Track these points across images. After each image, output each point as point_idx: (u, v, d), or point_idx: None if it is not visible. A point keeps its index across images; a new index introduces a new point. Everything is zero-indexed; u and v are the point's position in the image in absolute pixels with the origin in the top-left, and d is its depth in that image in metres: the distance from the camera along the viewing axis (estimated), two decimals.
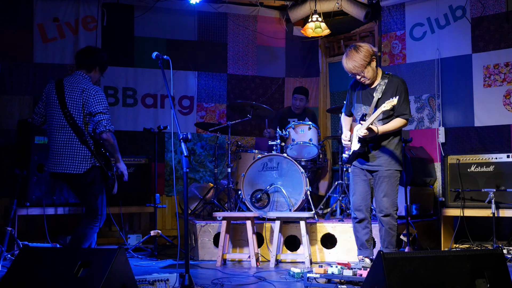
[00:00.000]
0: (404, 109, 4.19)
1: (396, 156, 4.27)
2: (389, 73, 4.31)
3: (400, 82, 4.24)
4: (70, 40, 6.71)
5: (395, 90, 4.18)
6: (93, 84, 4.29)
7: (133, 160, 6.16)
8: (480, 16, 6.13)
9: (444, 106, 6.34)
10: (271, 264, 4.88)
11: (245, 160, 5.86)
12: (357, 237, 4.39)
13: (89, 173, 4.21)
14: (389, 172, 4.23)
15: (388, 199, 4.21)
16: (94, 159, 4.21)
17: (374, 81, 4.26)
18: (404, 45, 6.72)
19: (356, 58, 4.11)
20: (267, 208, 5.47)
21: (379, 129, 4.13)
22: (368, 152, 4.28)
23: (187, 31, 7.23)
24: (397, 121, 4.20)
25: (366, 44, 4.22)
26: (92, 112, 4.16)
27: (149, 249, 5.54)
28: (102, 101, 4.20)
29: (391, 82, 4.22)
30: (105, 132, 4.14)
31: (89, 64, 4.33)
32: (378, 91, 4.20)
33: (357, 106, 4.36)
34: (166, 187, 6.96)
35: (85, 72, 4.33)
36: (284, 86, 7.59)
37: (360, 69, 4.13)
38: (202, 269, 4.72)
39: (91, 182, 4.25)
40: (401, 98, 4.13)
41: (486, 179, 5.24)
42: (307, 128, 5.82)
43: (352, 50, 4.15)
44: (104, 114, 4.17)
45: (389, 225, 4.22)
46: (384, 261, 2.76)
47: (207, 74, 7.30)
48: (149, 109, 7.02)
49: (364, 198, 4.32)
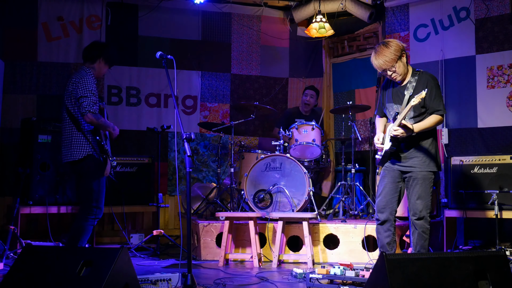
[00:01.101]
0: (437, 104, 4.02)
1: (431, 155, 4.08)
2: (420, 70, 4.16)
3: (430, 77, 4.09)
4: (74, 39, 6.73)
5: (425, 85, 4.00)
6: (86, 74, 4.37)
7: (136, 159, 6.16)
8: (484, 18, 6.11)
9: (448, 108, 6.30)
10: (274, 264, 4.88)
11: (248, 160, 5.86)
12: (379, 238, 4.21)
13: (86, 161, 4.30)
14: (423, 174, 4.05)
15: (422, 201, 4.03)
16: (92, 148, 4.30)
17: (405, 78, 4.12)
18: (408, 46, 6.68)
19: (386, 53, 3.97)
20: (270, 208, 5.47)
21: (414, 127, 3.98)
22: (401, 151, 4.11)
23: (191, 30, 7.23)
24: (432, 118, 4.01)
25: (395, 39, 4.11)
26: (77, 96, 4.27)
27: (152, 248, 5.54)
28: (86, 85, 4.29)
29: (421, 78, 4.07)
30: (85, 114, 4.22)
31: (93, 56, 4.46)
32: (409, 88, 4.05)
33: (388, 106, 4.21)
34: (169, 186, 6.94)
35: (89, 64, 4.46)
36: (288, 86, 7.59)
37: (391, 64, 3.98)
38: (205, 269, 4.72)
39: (86, 171, 4.32)
40: (432, 93, 4.00)
41: (489, 180, 5.21)
42: (311, 129, 5.82)
43: (381, 46, 4.02)
44: (87, 98, 4.24)
45: (422, 228, 4.04)
46: (387, 262, 2.76)
47: (210, 74, 7.30)
48: (152, 108, 7.02)
49: (389, 200, 4.12)
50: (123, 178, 5.88)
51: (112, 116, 6.67)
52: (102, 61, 4.50)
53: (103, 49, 4.54)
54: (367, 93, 7.15)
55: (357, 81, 7.39)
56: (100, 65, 4.51)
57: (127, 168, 6.06)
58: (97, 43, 4.70)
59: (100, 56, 4.48)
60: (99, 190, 4.35)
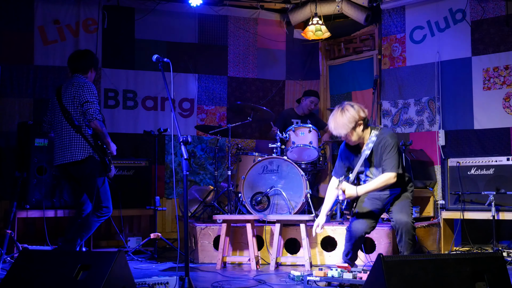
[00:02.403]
0: (386, 165, 3.99)
1: (403, 183, 4.14)
2: (378, 128, 4.13)
3: (387, 138, 4.03)
4: (71, 43, 6.71)
5: (380, 149, 4.02)
6: (87, 81, 4.52)
7: (133, 162, 6.16)
8: (480, 19, 6.13)
9: (444, 109, 6.34)
10: (271, 267, 4.87)
11: (245, 163, 5.85)
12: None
13: (88, 163, 4.39)
14: (402, 194, 4.14)
15: (405, 213, 4.07)
16: (92, 150, 4.38)
17: (362, 141, 4.10)
18: (404, 48, 6.72)
19: (339, 120, 3.96)
20: (267, 211, 5.46)
21: (358, 191, 3.98)
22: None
23: (187, 33, 7.23)
24: (380, 178, 4.00)
25: (355, 107, 4.00)
26: (81, 101, 4.37)
27: (149, 252, 5.52)
28: (90, 91, 4.42)
29: (380, 140, 4.03)
30: (92, 121, 4.33)
31: (82, 67, 4.61)
32: (366, 149, 4.06)
33: (355, 171, 4.17)
34: (166, 189, 6.94)
35: (81, 74, 4.61)
36: (285, 88, 7.59)
37: (344, 132, 3.96)
38: (202, 272, 4.71)
39: (90, 173, 4.39)
40: (384, 154, 3.99)
41: (486, 182, 5.23)
42: (307, 131, 5.82)
43: (338, 110, 3.99)
44: (91, 103, 4.36)
45: (409, 235, 4.05)
46: (384, 264, 2.76)
47: (207, 76, 7.29)
48: (149, 111, 7.01)
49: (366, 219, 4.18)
50: (120, 181, 5.87)
51: (109, 120, 6.64)
52: (93, 71, 4.70)
53: (92, 59, 4.71)
54: (364, 95, 7.15)
55: (354, 83, 7.40)
56: (91, 75, 4.69)
57: (124, 171, 6.06)
58: (80, 53, 4.80)
59: (91, 66, 4.67)
60: (105, 190, 4.47)
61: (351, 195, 4.00)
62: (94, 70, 4.71)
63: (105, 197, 4.48)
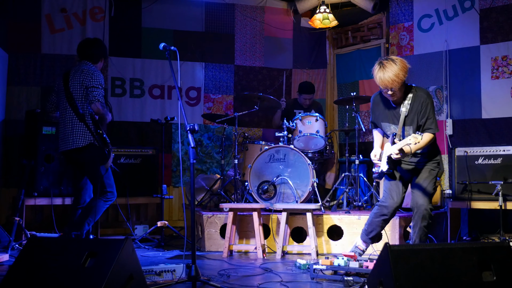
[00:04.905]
0: (430, 124, 4.02)
1: (431, 151, 4.16)
2: (413, 86, 4.10)
3: (424, 96, 4.04)
4: (78, 31, 6.70)
5: (420, 107, 4.01)
6: (96, 69, 4.61)
7: (140, 151, 6.17)
8: (489, 8, 6.06)
9: (452, 98, 6.30)
10: (278, 255, 4.88)
11: (252, 152, 5.85)
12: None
13: (89, 149, 4.48)
14: (427, 167, 4.16)
15: (426, 194, 4.13)
16: (93, 137, 4.45)
17: (400, 98, 4.08)
18: (412, 36, 6.67)
19: (395, 70, 3.85)
20: (274, 199, 5.46)
21: (412, 148, 3.95)
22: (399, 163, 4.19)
23: (194, 22, 7.19)
24: (426, 137, 4.00)
25: (399, 58, 4.01)
26: (88, 86, 4.46)
27: (156, 239, 5.54)
28: (98, 78, 4.52)
29: (416, 98, 4.03)
30: (94, 102, 4.41)
31: (93, 55, 4.69)
32: (403, 109, 4.03)
33: (384, 126, 4.20)
34: (173, 178, 6.94)
35: (91, 62, 4.68)
36: (292, 77, 7.55)
37: (399, 84, 3.90)
38: (209, 260, 4.72)
39: (91, 159, 4.48)
40: (425, 113, 4.00)
41: (494, 171, 5.19)
42: (314, 120, 5.80)
43: (389, 61, 3.91)
44: (97, 88, 4.47)
45: (425, 222, 4.13)
46: (391, 253, 2.74)
47: (214, 65, 7.27)
48: (156, 100, 7.01)
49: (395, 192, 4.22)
50: (127, 169, 5.90)
51: (115, 108, 6.70)
52: (102, 60, 4.80)
53: (103, 48, 4.80)
54: (371, 84, 7.10)
55: (361, 72, 7.36)
56: (100, 64, 4.77)
57: (131, 159, 6.08)
58: (95, 42, 4.82)
59: (102, 56, 4.76)
60: (108, 175, 4.56)
61: (407, 152, 3.96)
62: (103, 60, 4.82)
63: (109, 182, 4.58)
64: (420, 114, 4.02)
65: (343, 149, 6.62)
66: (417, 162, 4.18)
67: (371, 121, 4.37)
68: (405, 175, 4.24)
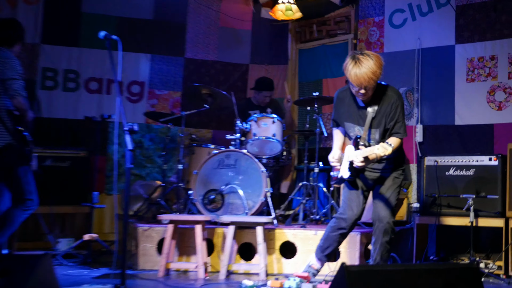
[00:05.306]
0: (398, 128, 3.95)
1: (396, 158, 4.09)
2: (382, 84, 4.00)
3: (396, 98, 3.95)
4: (8, 15, 6.38)
5: (390, 109, 3.91)
6: (11, 56, 4.35)
7: (69, 152, 6.00)
8: (465, 4, 6.07)
9: (423, 102, 6.27)
10: (221, 275, 4.73)
11: (199, 156, 5.71)
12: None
13: (6, 152, 4.23)
14: (391, 176, 4.11)
15: (389, 206, 4.07)
16: (11, 137, 4.24)
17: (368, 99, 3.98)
18: (382, 32, 6.65)
19: (372, 66, 3.73)
20: (221, 211, 5.33)
21: (378, 157, 3.81)
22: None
23: (141, 8, 7.06)
24: (395, 141, 3.92)
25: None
26: (4, 77, 4.23)
27: (82, 255, 5.38)
28: (15, 67, 4.30)
29: (386, 98, 3.93)
30: (16, 97, 4.23)
31: (8, 39, 4.45)
32: (371, 108, 3.92)
33: (348, 126, 4.08)
34: (106, 184, 6.76)
35: (5, 47, 4.41)
36: (248, 73, 7.44)
37: (374, 82, 3.79)
38: (141, 280, 4.58)
39: (7, 162, 4.27)
40: (395, 115, 3.92)
41: (466, 183, 5.15)
42: (271, 122, 5.68)
43: (365, 56, 3.76)
44: (17, 80, 4.25)
45: (387, 238, 4.05)
46: (347, 275, 2.65)
47: (162, 57, 7.13)
48: (93, 95, 6.83)
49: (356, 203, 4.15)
50: (53, 173, 5.74)
51: (45, 103, 6.50)
52: (19, 44, 4.53)
53: (21, 30, 4.54)
54: (336, 83, 7.06)
55: (326, 70, 7.34)
56: (17, 49, 4.52)
57: (58, 162, 5.91)
58: (9, 22, 4.62)
59: (19, 39, 4.51)
60: (27, 180, 4.35)
61: (372, 160, 3.81)
62: (20, 43, 4.57)
63: (28, 189, 4.36)
64: (388, 116, 3.94)
65: (302, 155, 6.50)
66: (383, 169, 4.09)
67: (333, 119, 4.26)
68: (367, 184, 4.16)
